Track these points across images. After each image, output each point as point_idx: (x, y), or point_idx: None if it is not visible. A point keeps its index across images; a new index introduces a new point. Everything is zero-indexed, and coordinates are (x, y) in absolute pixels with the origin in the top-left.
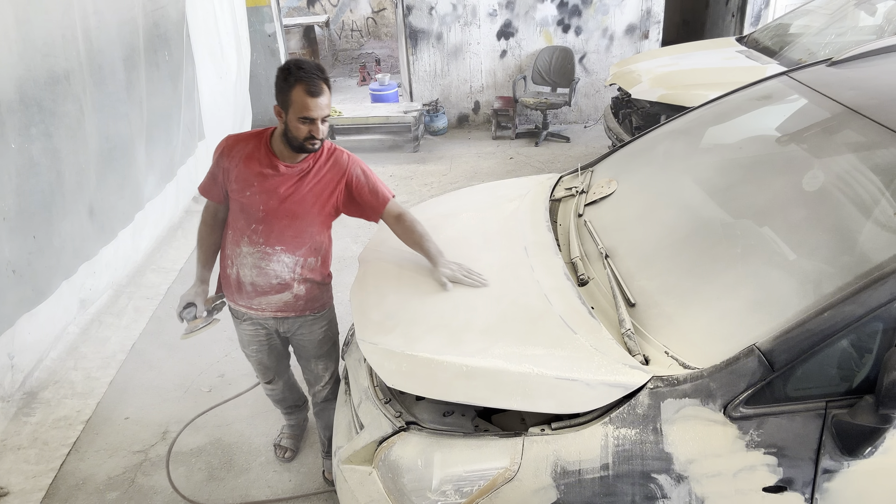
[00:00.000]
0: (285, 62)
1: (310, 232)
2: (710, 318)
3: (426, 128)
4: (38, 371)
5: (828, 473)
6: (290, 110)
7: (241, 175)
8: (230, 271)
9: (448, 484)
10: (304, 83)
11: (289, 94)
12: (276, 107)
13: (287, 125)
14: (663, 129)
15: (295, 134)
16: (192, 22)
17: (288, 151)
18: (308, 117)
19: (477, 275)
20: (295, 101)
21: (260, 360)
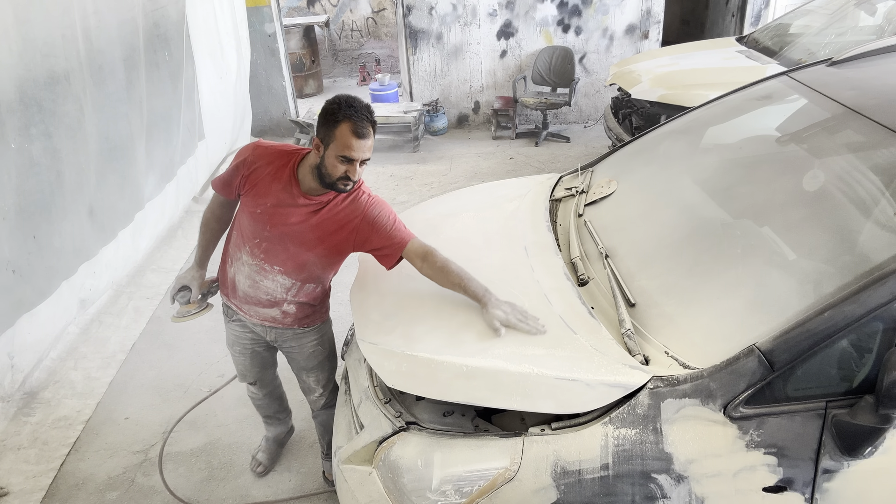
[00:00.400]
0: (336, 97)
1: (312, 264)
2: (710, 318)
3: (426, 128)
4: (38, 371)
5: (828, 473)
6: (330, 146)
7: (259, 189)
8: (228, 269)
9: (448, 484)
10: (353, 122)
11: (333, 129)
12: (316, 139)
13: (323, 160)
14: (663, 129)
15: (330, 171)
16: (192, 22)
17: (315, 184)
18: (348, 157)
19: (533, 319)
20: (338, 139)
21: (242, 363)
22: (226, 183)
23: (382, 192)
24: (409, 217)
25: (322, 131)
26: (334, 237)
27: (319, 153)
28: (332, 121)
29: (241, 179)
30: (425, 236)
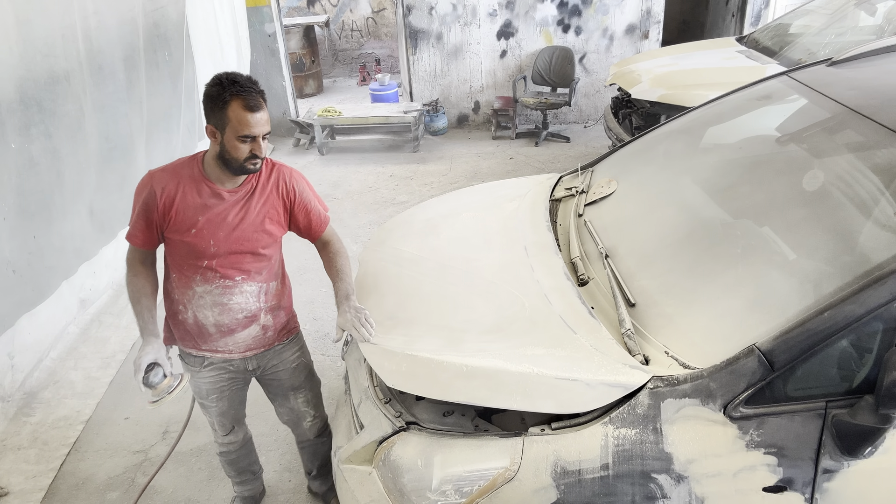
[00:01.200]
0: (215, 77)
1: (266, 255)
2: (710, 318)
3: (426, 128)
4: (38, 371)
5: (828, 473)
6: (226, 129)
7: (180, 213)
8: (184, 317)
9: (448, 484)
10: (242, 98)
11: (224, 110)
12: (210, 127)
13: (224, 146)
14: (663, 129)
15: (234, 155)
16: (192, 22)
17: (226, 175)
18: (248, 135)
19: (369, 326)
20: (232, 119)
21: (220, 410)
22: (145, 230)
23: (382, 192)
24: (409, 217)
25: (213, 117)
26: (276, 219)
27: (217, 140)
28: (220, 103)
29: (157, 215)
30: (425, 236)
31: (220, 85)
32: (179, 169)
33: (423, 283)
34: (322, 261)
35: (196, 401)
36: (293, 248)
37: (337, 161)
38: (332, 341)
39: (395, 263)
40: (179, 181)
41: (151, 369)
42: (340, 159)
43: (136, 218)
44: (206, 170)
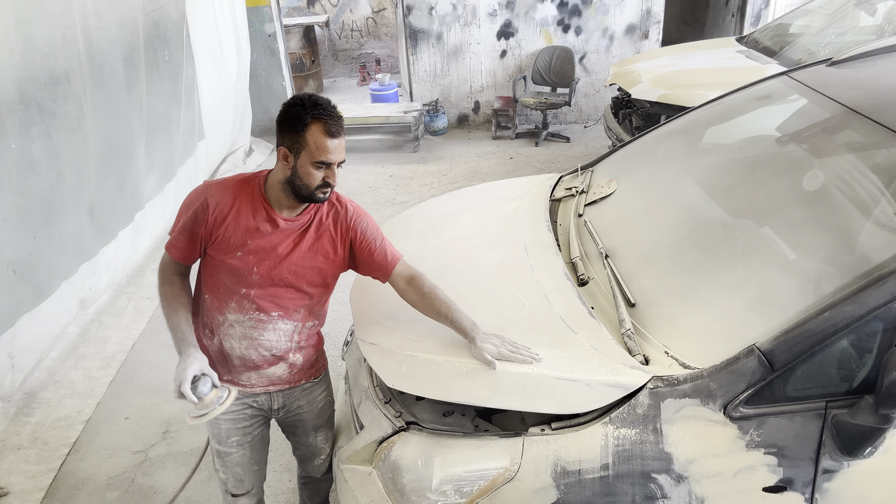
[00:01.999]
0: (296, 97)
1: (310, 293)
2: (710, 318)
3: (426, 128)
4: (38, 371)
5: (828, 473)
6: (302, 153)
7: (230, 231)
8: (210, 342)
9: (448, 484)
10: (324, 122)
11: (303, 133)
12: (283, 149)
13: (296, 170)
14: (663, 129)
15: (307, 181)
16: (192, 22)
17: (289, 201)
18: (325, 161)
19: (525, 349)
20: (310, 143)
21: (240, 460)
22: (188, 244)
23: (382, 192)
24: (409, 217)
25: (288, 139)
26: (330, 257)
27: (289, 164)
28: (299, 125)
29: (205, 229)
30: (425, 236)
31: (301, 106)
32: (238, 186)
33: None
34: (413, 303)
35: (211, 448)
36: None
37: None
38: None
39: None
40: (235, 198)
41: (197, 380)
42: None
43: (181, 229)
44: (267, 192)
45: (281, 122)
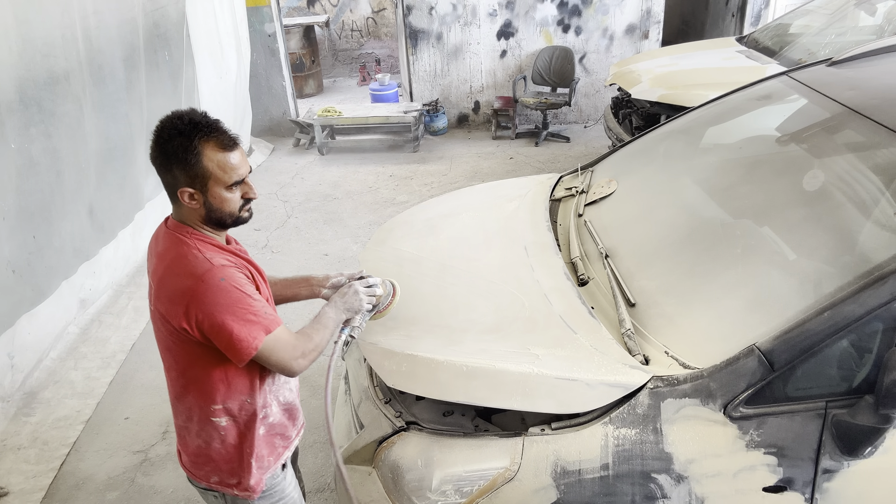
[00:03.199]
0: (165, 126)
1: None
2: (710, 318)
3: (426, 128)
4: (38, 371)
5: (828, 473)
6: (209, 183)
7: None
8: (268, 413)
9: (448, 484)
10: (214, 139)
11: (199, 162)
12: (185, 191)
13: (211, 204)
14: (663, 129)
15: (228, 209)
16: (192, 22)
17: (220, 234)
18: (238, 180)
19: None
20: (213, 169)
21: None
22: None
23: (382, 192)
24: (409, 217)
25: (184, 176)
26: None
27: (199, 201)
28: (190, 155)
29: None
30: (425, 236)
31: (179, 134)
32: (215, 253)
33: (423, 283)
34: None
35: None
36: (293, 248)
37: (337, 161)
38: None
39: (395, 263)
40: (217, 252)
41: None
42: (340, 159)
43: (262, 304)
44: (205, 236)
45: (165, 161)
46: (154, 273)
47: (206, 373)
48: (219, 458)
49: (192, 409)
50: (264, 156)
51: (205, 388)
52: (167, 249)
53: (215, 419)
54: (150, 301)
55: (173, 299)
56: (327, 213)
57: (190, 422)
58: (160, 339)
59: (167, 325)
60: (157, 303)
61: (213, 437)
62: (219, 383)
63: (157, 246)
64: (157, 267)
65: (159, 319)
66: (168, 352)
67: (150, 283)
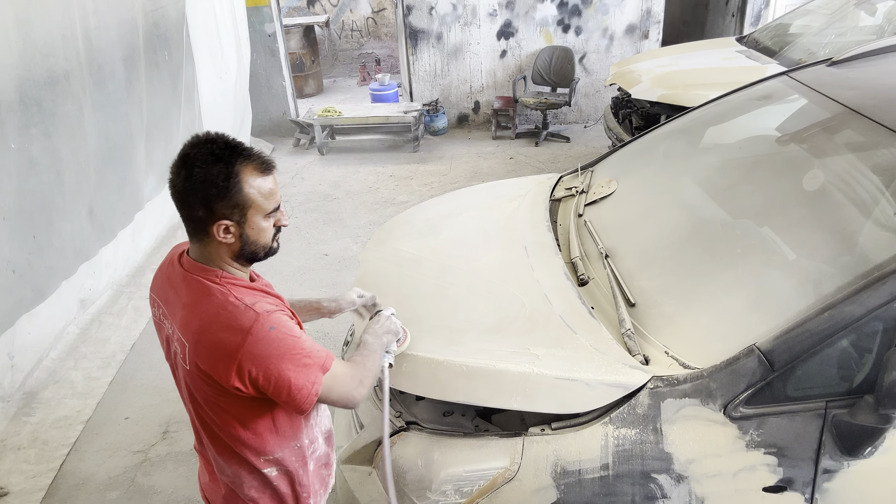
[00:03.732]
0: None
1: None
2: (710, 318)
3: (426, 128)
4: (38, 371)
5: (828, 473)
6: (248, 213)
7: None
8: (316, 447)
9: (448, 484)
10: (253, 163)
11: (241, 188)
12: (222, 224)
13: (247, 237)
14: (663, 129)
15: (263, 241)
16: (192, 22)
17: (246, 271)
18: (276, 205)
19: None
20: (255, 196)
21: None
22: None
23: (382, 192)
24: (409, 217)
25: (222, 207)
26: None
27: (235, 234)
28: (231, 181)
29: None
30: (425, 236)
31: (218, 159)
32: (253, 297)
33: (423, 283)
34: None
35: None
36: (293, 248)
37: (337, 161)
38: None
39: (395, 263)
40: (273, 307)
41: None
42: (340, 159)
43: (311, 343)
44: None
45: (199, 192)
46: (186, 327)
47: (254, 425)
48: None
49: (240, 465)
50: None
51: (252, 442)
52: (197, 300)
53: (266, 471)
54: (182, 354)
55: (220, 358)
56: (327, 213)
57: (238, 478)
58: (196, 394)
59: (211, 384)
60: (195, 360)
61: (266, 489)
62: (267, 434)
63: (176, 292)
64: (187, 321)
65: (199, 377)
66: (208, 407)
67: (178, 335)
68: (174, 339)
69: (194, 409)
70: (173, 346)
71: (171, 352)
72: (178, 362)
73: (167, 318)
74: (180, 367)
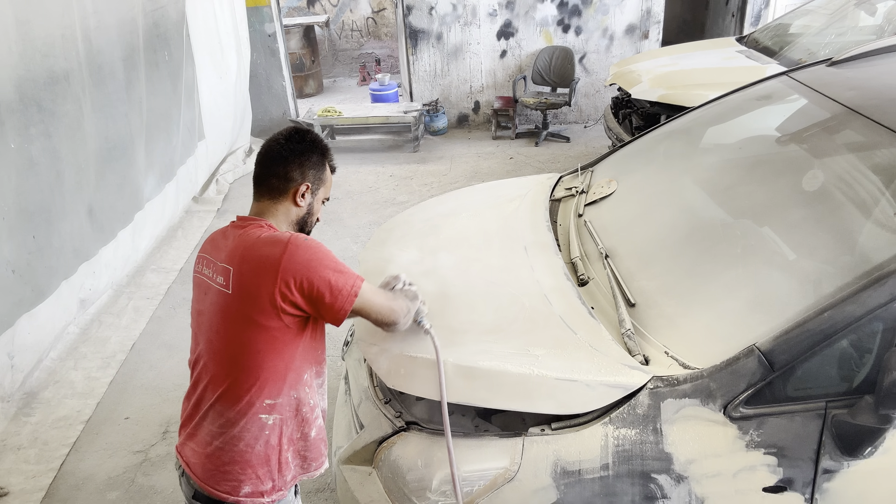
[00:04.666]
0: (309, 133)
1: None
2: (710, 318)
3: (426, 128)
4: (38, 371)
5: (828, 473)
6: (320, 190)
7: None
8: (317, 415)
9: (448, 484)
10: (329, 159)
11: (324, 169)
12: (306, 185)
13: (312, 207)
14: (663, 129)
15: (314, 217)
16: (192, 22)
17: None
18: (328, 199)
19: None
20: (327, 180)
21: None
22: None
23: (382, 192)
24: (409, 217)
25: (311, 175)
26: None
27: (306, 201)
28: (320, 162)
29: None
30: (425, 236)
31: (313, 143)
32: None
33: (423, 284)
34: None
35: None
36: None
37: (337, 161)
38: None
39: (395, 264)
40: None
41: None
42: (340, 159)
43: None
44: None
45: (303, 156)
46: (231, 255)
47: (274, 356)
48: (257, 462)
49: (242, 407)
50: None
51: (265, 375)
52: (242, 236)
53: (263, 416)
54: (225, 281)
55: (264, 269)
56: (327, 213)
57: (233, 425)
58: (229, 325)
59: (251, 305)
60: (239, 280)
61: (257, 441)
62: (281, 369)
63: (225, 241)
64: (233, 251)
65: (240, 300)
66: (236, 335)
67: (221, 266)
68: (217, 273)
69: (216, 344)
70: (215, 280)
71: (206, 292)
72: (214, 299)
73: (209, 266)
74: (218, 302)
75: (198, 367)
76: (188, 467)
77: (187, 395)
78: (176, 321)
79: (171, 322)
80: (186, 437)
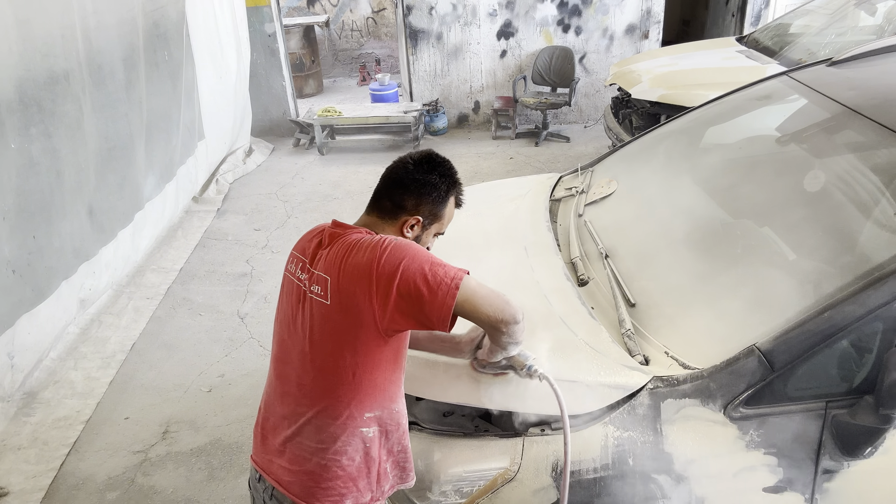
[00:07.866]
0: (440, 159)
1: None
2: (710, 318)
3: (426, 128)
4: (38, 371)
5: (828, 473)
6: (433, 225)
7: None
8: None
9: (448, 484)
10: (458, 195)
11: (445, 205)
12: (417, 219)
13: (420, 240)
14: (663, 129)
15: (424, 247)
16: (192, 22)
17: None
18: (441, 234)
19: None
20: (445, 216)
21: None
22: None
23: None
24: None
25: (427, 210)
26: None
27: (414, 233)
28: (445, 195)
29: None
30: None
31: (451, 176)
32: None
33: None
34: None
35: None
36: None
37: (337, 161)
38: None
39: None
40: None
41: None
42: (340, 159)
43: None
44: None
45: (426, 191)
46: (329, 263)
47: (375, 368)
48: (358, 475)
49: (342, 422)
50: (264, 156)
51: (366, 389)
52: (342, 244)
53: (364, 429)
54: (322, 291)
55: (362, 275)
56: (327, 213)
57: (331, 441)
58: (327, 338)
59: (349, 315)
60: (337, 288)
61: (359, 450)
62: (381, 381)
63: (321, 250)
64: (331, 258)
65: (338, 311)
66: (335, 349)
67: (319, 274)
68: (312, 281)
69: (313, 358)
70: (311, 289)
71: (299, 299)
72: (311, 310)
73: (304, 270)
74: (315, 314)
75: (288, 379)
76: (280, 485)
77: (268, 406)
78: (176, 321)
79: (171, 322)
80: (275, 454)
